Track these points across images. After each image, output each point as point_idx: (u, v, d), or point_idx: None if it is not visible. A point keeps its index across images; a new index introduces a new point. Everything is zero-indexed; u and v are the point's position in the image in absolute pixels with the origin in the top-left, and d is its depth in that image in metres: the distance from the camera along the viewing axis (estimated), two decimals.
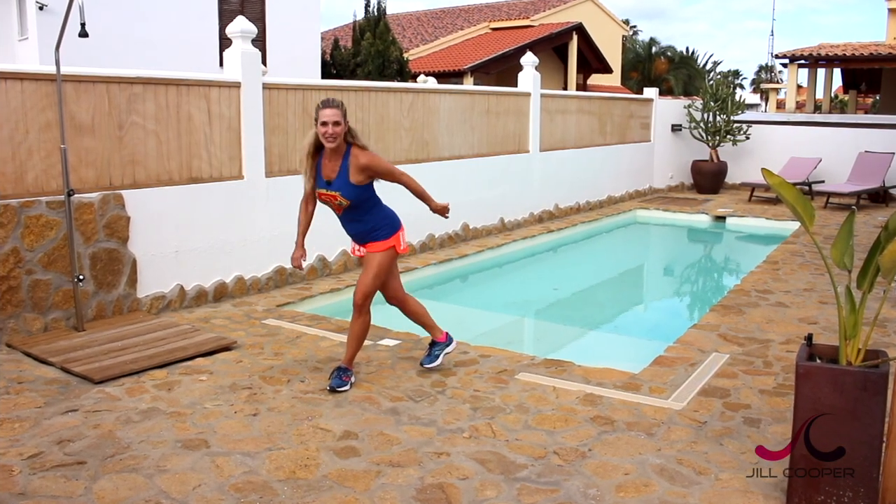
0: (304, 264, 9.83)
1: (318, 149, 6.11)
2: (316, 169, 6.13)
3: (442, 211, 6.53)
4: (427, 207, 6.50)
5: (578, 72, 36.84)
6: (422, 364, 6.66)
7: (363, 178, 6.04)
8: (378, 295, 6.41)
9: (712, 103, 19.99)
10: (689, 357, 7.06)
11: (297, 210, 6.52)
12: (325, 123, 5.89)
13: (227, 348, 7.20)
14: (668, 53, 56.94)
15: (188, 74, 8.76)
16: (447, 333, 6.79)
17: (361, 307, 6.23)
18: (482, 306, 10.54)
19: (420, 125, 11.91)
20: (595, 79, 40.03)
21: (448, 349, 6.74)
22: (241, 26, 9.21)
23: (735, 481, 4.74)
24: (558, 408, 5.87)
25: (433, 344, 6.72)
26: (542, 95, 15.08)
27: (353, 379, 6.31)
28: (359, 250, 6.34)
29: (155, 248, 8.38)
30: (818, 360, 4.50)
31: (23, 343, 7.09)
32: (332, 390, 6.16)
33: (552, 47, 35.02)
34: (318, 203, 6.35)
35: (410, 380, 6.45)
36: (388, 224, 6.25)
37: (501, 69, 31.69)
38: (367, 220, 6.19)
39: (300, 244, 6.49)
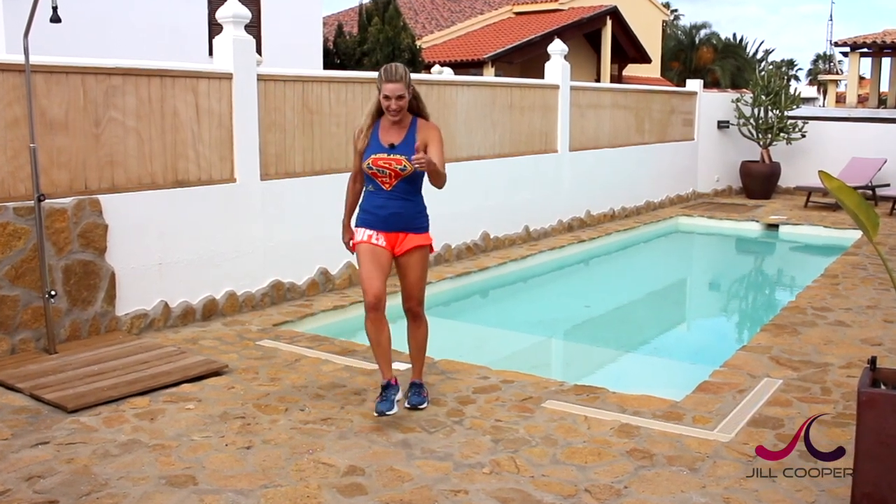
0: (306, 278, 9.86)
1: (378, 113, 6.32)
2: (371, 136, 6.25)
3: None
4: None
5: (613, 61, 36.82)
6: (416, 406, 6.49)
7: (424, 144, 6.20)
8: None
9: (763, 97, 19.95)
10: (738, 383, 7.04)
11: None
12: (387, 97, 6.07)
13: (217, 373, 7.21)
14: (714, 41, 56.82)
15: (173, 64, 8.80)
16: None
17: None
18: (504, 325, 10.55)
19: (434, 121, 11.86)
20: (631, 69, 40.01)
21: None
22: (233, 10, 9.24)
23: None
24: (590, 440, 5.86)
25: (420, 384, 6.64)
26: (572, 88, 15.08)
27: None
28: (377, 238, 6.22)
29: (136, 260, 8.40)
30: (883, 387, 4.48)
31: None
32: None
33: (583, 34, 35.03)
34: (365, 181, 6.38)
35: (424, 408, 6.45)
36: (426, 214, 6.43)
37: (526, 58, 31.71)
38: (417, 200, 6.33)
39: (347, 226, 6.58)
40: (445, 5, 40.33)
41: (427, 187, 6.34)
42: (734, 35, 61.45)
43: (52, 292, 7.53)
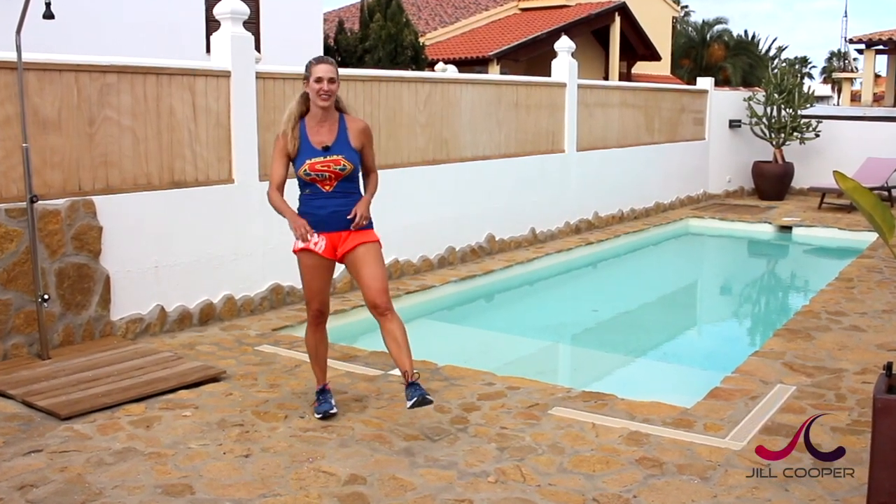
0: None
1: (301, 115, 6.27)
2: (299, 142, 6.17)
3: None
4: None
5: (621, 59, 36.83)
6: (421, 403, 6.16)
7: (359, 144, 6.24)
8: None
9: (776, 95, 19.94)
10: (750, 389, 7.03)
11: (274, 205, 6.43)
12: (319, 80, 6.05)
13: (214, 379, 7.21)
14: (726, 38, 56.86)
15: (170, 62, 8.80)
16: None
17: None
18: (510, 330, 10.54)
19: (438, 121, 11.94)
20: (641, 67, 40.02)
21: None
22: (231, 6, 9.24)
23: None
24: (598, 448, 5.86)
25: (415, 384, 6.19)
26: (580, 86, 15.09)
27: None
28: (315, 244, 6.14)
29: (131, 262, 8.40)
30: None
31: None
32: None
33: (591, 31, 35.05)
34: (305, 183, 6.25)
35: (427, 415, 6.44)
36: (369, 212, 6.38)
37: (532, 56, 31.73)
38: (357, 197, 6.26)
39: (295, 214, 6.20)
40: (449, 1, 40.35)
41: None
42: (746, 32, 61.52)
43: (45, 296, 7.53)
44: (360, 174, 6.34)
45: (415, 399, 5.84)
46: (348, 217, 6.12)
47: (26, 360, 7.45)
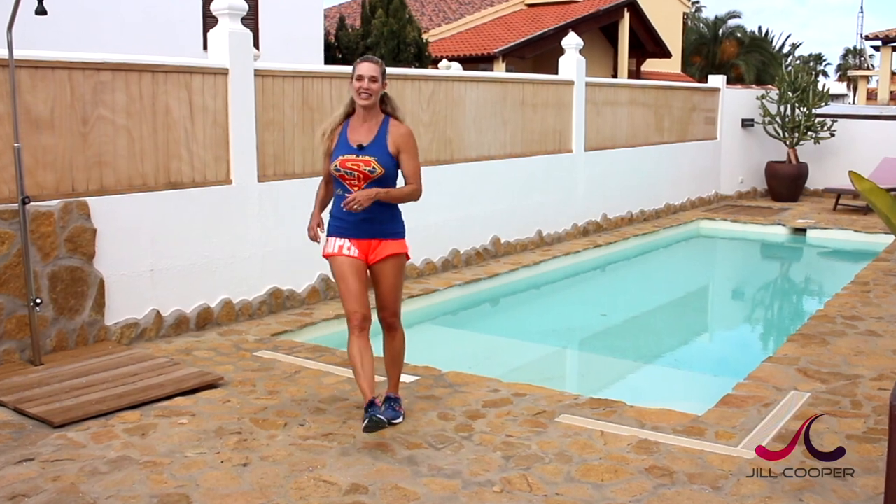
0: (306, 285, 9.85)
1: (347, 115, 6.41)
2: (339, 137, 6.31)
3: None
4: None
5: (631, 56, 36.82)
6: (390, 420, 6.39)
7: (395, 149, 6.27)
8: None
9: (790, 94, 19.92)
10: (763, 396, 7.02)
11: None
12: (360, 77, 6.16)
13: (211, 385, 7.21)
14: (738, 34, 56.78)
15: (166, 59, 8.80)
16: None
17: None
18: (516, 335, 10.54)
19: (442, 120, 11.94)
20: (651, 64, 40.01)
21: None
22: (228, 2, 9.23)
23: None
24: (607, 456, 5.85)
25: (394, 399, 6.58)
26: (588, 84, 15.08)
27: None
28: (349, 248, 6.25)
29: (126, 266, 8.40)
30: None
31: None
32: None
33: (599, 27, 35.04)
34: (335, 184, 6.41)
35: (431, 423, 6.44)
36: (402, 220, 6.46)
37: (539, 53, 31.74)
38: (391, 203, 6.32)
39: (316, 215, 6.63)
40: None
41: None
42: (759, 28, 61.52)
43: (38, 300, 7.52)
44: (395, 185, 6.34)
45: (382, 418, 6.17)
46: (344, 203, 6.17)
47: (18, 366, 7.44)
